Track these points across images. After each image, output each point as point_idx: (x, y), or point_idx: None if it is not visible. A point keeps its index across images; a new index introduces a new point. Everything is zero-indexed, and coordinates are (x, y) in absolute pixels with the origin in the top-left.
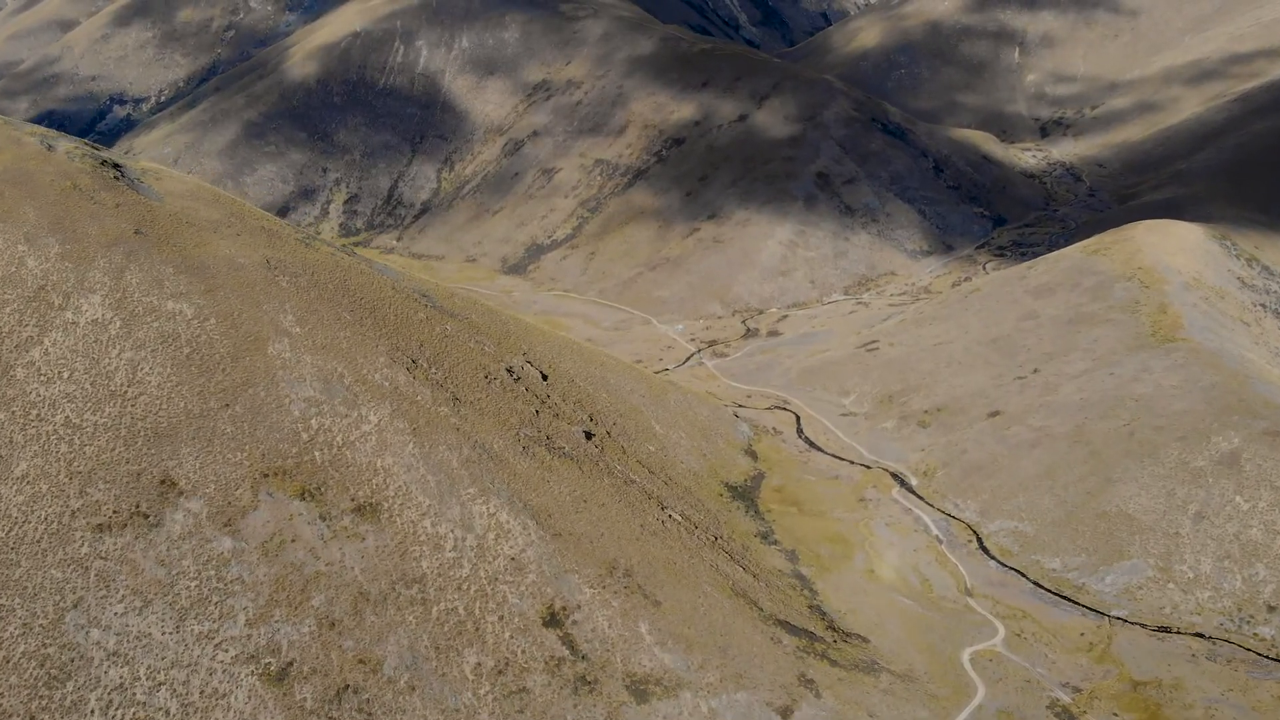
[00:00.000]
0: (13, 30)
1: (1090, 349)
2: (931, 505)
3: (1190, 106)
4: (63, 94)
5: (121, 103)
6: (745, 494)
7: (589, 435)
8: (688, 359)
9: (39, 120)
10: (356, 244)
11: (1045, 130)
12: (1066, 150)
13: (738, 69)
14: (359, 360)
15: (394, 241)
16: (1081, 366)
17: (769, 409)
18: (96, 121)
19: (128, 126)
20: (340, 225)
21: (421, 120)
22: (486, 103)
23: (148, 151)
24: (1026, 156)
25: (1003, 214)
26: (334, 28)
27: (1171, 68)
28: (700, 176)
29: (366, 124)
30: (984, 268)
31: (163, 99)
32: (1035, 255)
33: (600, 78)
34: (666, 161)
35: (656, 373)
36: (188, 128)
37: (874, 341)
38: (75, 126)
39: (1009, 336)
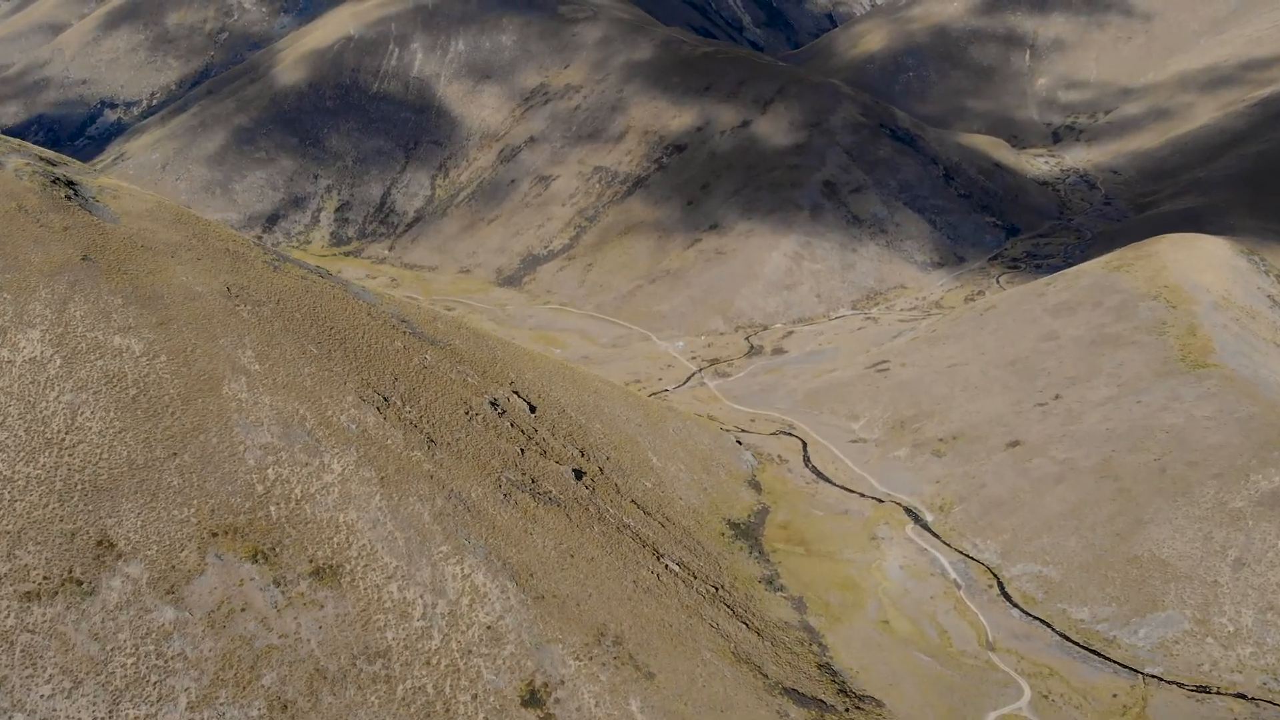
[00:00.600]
0: (3, 33)
1: (1115, 373)
2: (948, 545)
3: (1207, 112)
4: (53, 98)
5: (113, 106)
6: (749, 531)
7: (579, 474)
8: (688, 379)
9: (29, 124)
10: (348, 254)
11: (1058, 135)
12: (1080, 156)
13: (741, 73)
14: (324, 400)
15: (386, 251)
16: (1106, 393)
17: (774, 434)
18: (87, 125)
19: (119, 130)
20: (331, 234)
21: (416, 125)
22: (483, 107)
23: (136, 158)
24: (1039, 163)
25: (1016, 223)
26: (326, 31)
27: (1187, 72)
28: (702, 185)
29: (359, 129)
30: (997, 281)
31: (154, 102)
32: (1051, 268)
33: (599, 82)
34: (667, 169)
35: (655, 394)
36: (177, 133)
37: (884, 361)
38: (65, 130)
39: (1028, 358)
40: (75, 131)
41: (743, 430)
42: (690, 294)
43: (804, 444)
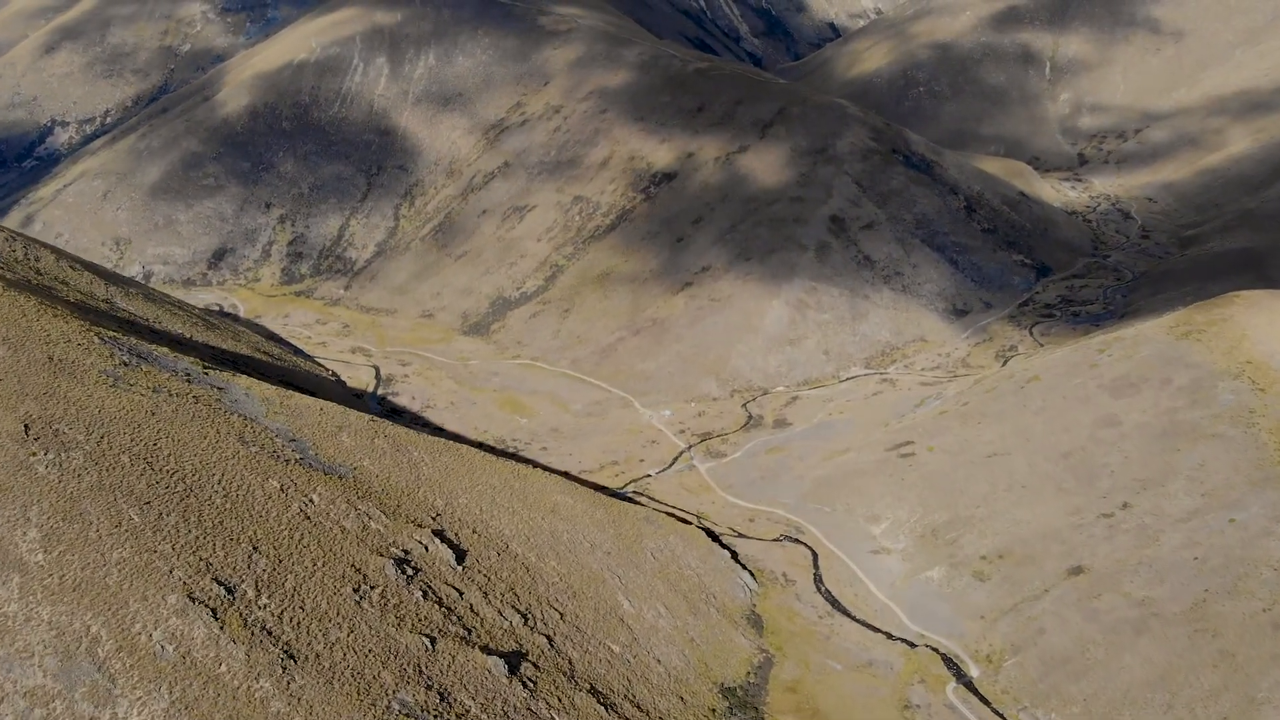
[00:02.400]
0: None
1: (1197, 477)
2: (1002, 718)
3: (1248, 133)
4: (0, 116)
5: (64, 125)
6: (748, 699)
7: (515, 664)
8: (675, 459)
9: None
10: (299, 293)
11: (1083, 158)
12: (1110, 182)
13: (737, 92)
14: (133, 606)
15: (341, 290)
16: (1188, 503)
17: (777, 540)
18: (36, 145)
19: (70, 150)
20: (283, 270)
21: (379, 149)
22: (453, 129)
23: (77, 184)
24: (1066, 190)
25: (1046, 261)
26: (285, 46)
27: (1224, 90)
28: (694, 219)
29: (317, 153)
30: (1031, 333)
31: (109, 120)
32: (1091, 318)
33: (581, 101)
34: (654, 200)
35: (635, 482)
36: (124, 156)
37: (907, 442)
38: (13, 151)
39: (1084, 450)
40: (23, 152)
41: (739, 535)
42: (679, 349)
43: (814, 555)
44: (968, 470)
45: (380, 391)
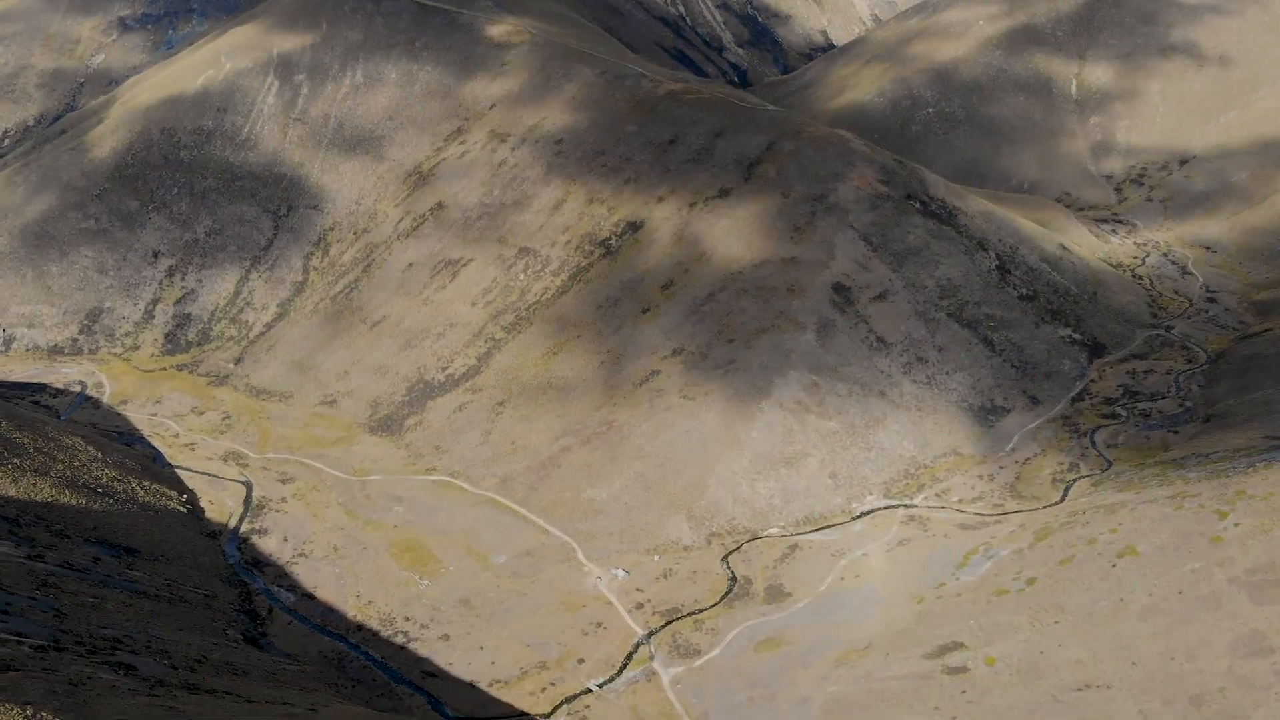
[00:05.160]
0: None
1: None
2: None
3: None
4: None
5: None
6: None
7: None
8: (628, 658)
9: None
10: (181, 366)
11: (1121, 193)
12: (1156, 226)
13: (717, 121)
14: None
15: (231, 364)
16: None
17: None
18: None
19: None
20: (167, 336)
21: (291, 185)
22: (379, 162)
23: None
24: (1108, 236)
25: (1098, 336)
26: (190, 63)
27: None
28: (663, 284)
29: (219, 189)
30: (1092, 442)
31: (7, 143)
32: (1166, 420)
33: (531, 129)
34: (617, 257)
35: (568, 702)
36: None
37: (956, 645)
38: None
39: (1223, 693)
40: None
41: None
42: (639, 469)
43: None
44: (1049, 709)
45: (244, 528)
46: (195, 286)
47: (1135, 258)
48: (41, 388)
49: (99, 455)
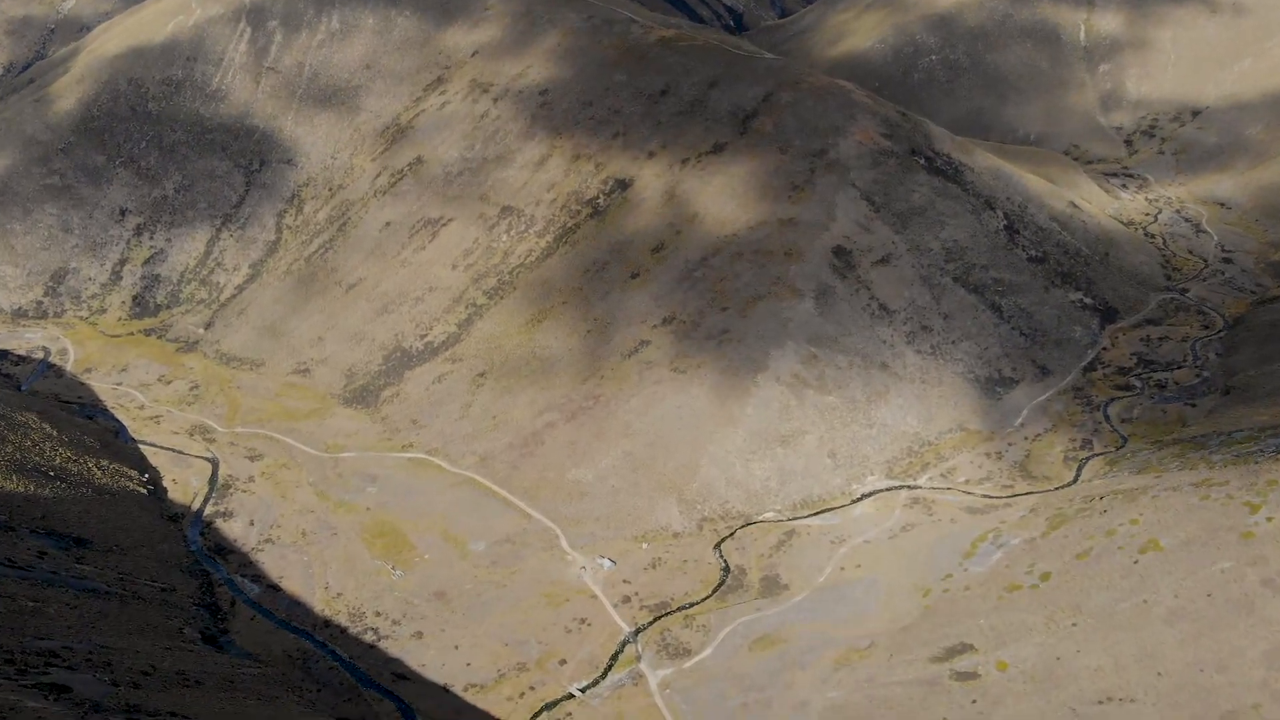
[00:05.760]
0: None
1: None
2: None
3: None
4: None
5: None
6: None
7: None
8: (612, 661)
9: None
10: (149, 330)
11: (1131, 145)
12: (1168, 181)
13: (711, 70)
14: None
15: (201, 329)
16: None
17: None
18: None
19: None
20: (134, 299)
21: (264, 139)
22: (357, 112)
23: None
24: (1118, 191)
25: (1110, 300)
26: (160, 8)
27: None
28: (653, 247)
29: (189, 142)
30: (1105, 415)
31: None
32: (1184, 393)
33: (515, 79)
34: (603, 215)
35: (548, 709)
36: None
37: (965, 647)
38: None
39: (1257, 710)
40: None
41: None
42: (627, 448)
43: None
44: (1064, 717)
45: (208, 511)
46: (164, 246)
47: (1147, 214)
48: (3, 354)
49: (54, 433)
